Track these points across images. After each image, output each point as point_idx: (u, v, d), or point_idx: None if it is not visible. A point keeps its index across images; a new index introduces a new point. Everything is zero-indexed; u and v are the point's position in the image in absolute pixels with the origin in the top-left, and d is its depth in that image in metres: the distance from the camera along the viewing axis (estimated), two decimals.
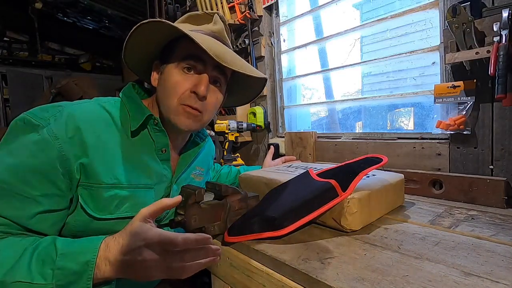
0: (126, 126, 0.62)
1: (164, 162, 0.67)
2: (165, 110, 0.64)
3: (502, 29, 0.69)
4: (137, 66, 0.71)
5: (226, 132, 1.41)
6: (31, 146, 0.51)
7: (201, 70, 0.63)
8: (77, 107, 0.58)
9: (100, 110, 0.61)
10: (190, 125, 0.64)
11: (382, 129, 1.24)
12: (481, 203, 0.75)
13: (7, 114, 3.01)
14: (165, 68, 0.64)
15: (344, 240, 0.55)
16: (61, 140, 0.52)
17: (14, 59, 3.17)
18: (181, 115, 0.63)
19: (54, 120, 0.54)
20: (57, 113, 0.55)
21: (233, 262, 0.58)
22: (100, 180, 0.56)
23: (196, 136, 0.80)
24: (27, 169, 0.50)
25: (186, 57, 0.62)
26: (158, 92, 0.66)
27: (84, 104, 0.61)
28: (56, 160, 0.52)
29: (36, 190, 0.50)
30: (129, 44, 0.62)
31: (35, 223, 0.50)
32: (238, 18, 1.50)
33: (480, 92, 0.80)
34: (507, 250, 0.48)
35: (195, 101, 0.62)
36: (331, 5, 1.30)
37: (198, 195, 0.56)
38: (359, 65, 1.24)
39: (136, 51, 0.66)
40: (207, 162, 0.86)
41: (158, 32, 0.61)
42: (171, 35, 0.63)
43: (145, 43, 0.64)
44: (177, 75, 0.62)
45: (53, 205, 0.52)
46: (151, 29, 0.59)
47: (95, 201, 0.56)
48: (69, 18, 3.14)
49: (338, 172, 0.68)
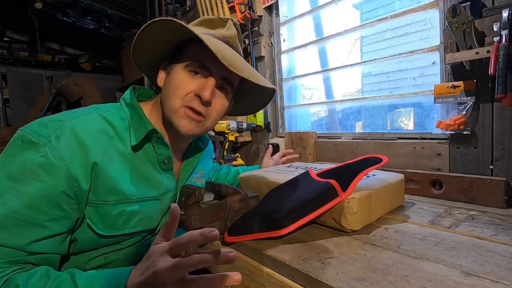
0: (128, 140, 0.60)
1: (167, 172, 0.66)
2: (167, 111, 0.62)
3: (502, 29, 0.69)
4: (144, 66, 0.69)
5: (226, 132, 1.41)
6: (36, 169, 0.48)
7: (209, 74, 0.61)
8: (79, 122, 0.55)
9: (102, 122, 0.58)
10: (192, 129, 0.62)
11: (382, 129, 1.25)
12: (481, 203, 0.75)
13: (7, 114, 3.01)
14: (173, 68, 0.63)
15: (344, 240, 0.55)
16: (67, 161, 0.50)
17: (14, 59, 3.16)
18: (182, 118, 0.61)
19: (56, 138, 0.51)
20: (58, 129, 0.52)
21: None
22: (107, 198, 0.54)
23: (198, 140, 0.79)
24: (33, 195, 0.47)
25: (195, 60, 0.60)
26: (163, 93, 0.64)
27: (85, 116, 0.57)
28: (63, 183, 0.50)
29: (44, 215, 0.48)
30: (138, 41, 0.61)
31: (42, 246, 0.48)
32: (238, 18, 1.50)
33: (480, 92, 0.80)
34: (507, 250, 0.48)
35: (198, 105, 0.60)
36: (331, 5, 1.30)
37: (198, 195, 0.56)
38: (359, 65, 1.25)
39: (145, 50, 0.64)
40: (207, 165, 0.86)
41: (169, 32, 0.59)
42: (182, 36, 0.61)
43: (154, 43, 0.62)
44: (183, 76, 0.61)
45: (60, 229, 0.50)
46: (164, 28, 0.58)
47: (103, 218, 0.54)
48: (69, 18, 3.13)
49: (338, 172, 0.68)
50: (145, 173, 0.62)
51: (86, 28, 3.34)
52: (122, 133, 0.60)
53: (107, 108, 0.62)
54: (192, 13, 2.01)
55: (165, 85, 0.64)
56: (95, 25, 3.24)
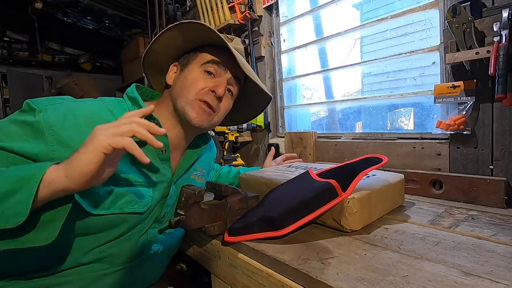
0: None
1: (164, 162, 0.67)
2: (181, 102, 0.66)
3: (502, 29, 0.69)
4: (150, 67, 0.75)
5: (226, 132, 1.41)
6: (26, 127, 0.51)
7: (222, 75, 0.69)
8: (79, 103, 0.59)
9: (102, 108, 0.61)
10: (202, 121, 0.66)
11: (382, 129, 1.25)
12: (481, 203, 0.75)
13: (7, 114, 3.01)
14: (187, 66, 0.69)
15: (344, 240, 0.55)
16: (54, 130, 0.52)
17: (14, 59, 3.17)
18: (195, 110, 0.65)
19: (53, 109, 0.54)
20: (57, 104, 0.55)
21: (233, 262, 0.58)
22: None
23: (198, 138, 0.80)
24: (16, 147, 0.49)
25: (211, 60, 0.68)
26: (175, 88, 0.69)
27: (87, 101, 0.61)
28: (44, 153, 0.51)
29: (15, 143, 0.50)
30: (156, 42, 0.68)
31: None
32: (238, 18, 1.50)
33: (480, 92, 0.80)
34: (507, 250, 0.48)
35: (212, 99, 0.66)
36: (331, 5, 1.30)
37: (198, 195, 0.56)
38: (359, 65, 1.25)
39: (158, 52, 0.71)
40: (208, 163, 0.86)
41: (188, 35, 0.67)
42: (200, 40, 0.69)
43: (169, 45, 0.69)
44: (199, 74, 0.67)
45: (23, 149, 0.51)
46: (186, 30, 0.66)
47: (90, 196, 0.54)
48: (69, 18, 3.13)
49: (338, 172, 0.68)
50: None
51: (86, 28, 3.34)
52: None
53: (110, 99, 0.66)
54: (192, 13, 2.01)
55: (177, 81, 0.69)
56: (95, 25, 3.24)
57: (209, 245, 0.65)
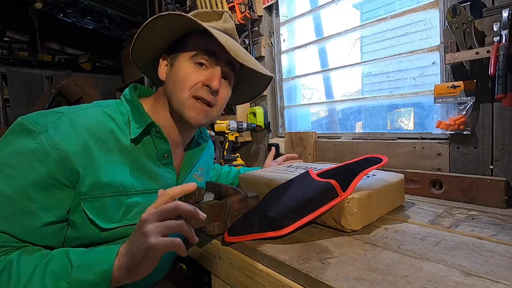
0: (128, 133, 0.61)
1: (167, 166, 0.67)
2: (176, 103, 0.63)
3: (502, 29, 0.69)
4: (142, 62, 0.71)
5: (226, 132, 1.41)
6: (29, 155, 0.49)
7: (214, 65, 0.64)
8: (79, 114, 0.56)
9: (102, 115, 0.59)
10: (200, 119, 0.64)
11: (382, 129, 1.24)
12: (481, 203, 0.75)
13: (7, 114, 3.01)
14: (176, 60, 0.64)
15: (344, 240, 0.55)
16: (61, 149, 0.50)
17: (14, 59, 3.16)
18: (191, 109, 0.63)
19: (54, 128, 0.52)
20: (57, 120, 0.53)
21: (233, 262, 0.58)
22: (104, 190, 0.55)
23: (199, 137, 0.80)
24: (25, 181, 0.48)
25: (200, 51, 0.63)
26: (168, 85, 0.65)
27: (85, 110, 0.59)
28: (55, 170, 0.50)
29: (35, 203, 0.48)
30: (140, 38, 0.63)
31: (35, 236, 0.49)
32: (238, 18, 1.50)
33: (480, 92, 0.80)
34: (507, 250, 0.48)
35: (207, 94, 0.63)
36: (331, 5, 1.30)
37: (198, 195, 0.56)
38: (359, 65, 1.24)
39: (145, 46, 0.66)
40: (207, 163, 0.87)
41: (172, 27, 0.62)
42: (185, 29, 0.63)
43: (155, 38, 0.64)
44: (189, 68, 0.63)
45: (52, 218, 0.51)
46: (169, 23, 0.60)
47: (101, 212, 0.54)
48: (69, 18, 3.14)
49: (338, 172, 0.68)
50: (145, 167, 0.62)
51: (86, 28, 3.34)
52: (122, 127, 0.61)
53: (108, 103, 0.63)
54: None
55: (170, 77, 0.65)
56: (95, 25, 3.24)
57: (209, 245, 0.64)
